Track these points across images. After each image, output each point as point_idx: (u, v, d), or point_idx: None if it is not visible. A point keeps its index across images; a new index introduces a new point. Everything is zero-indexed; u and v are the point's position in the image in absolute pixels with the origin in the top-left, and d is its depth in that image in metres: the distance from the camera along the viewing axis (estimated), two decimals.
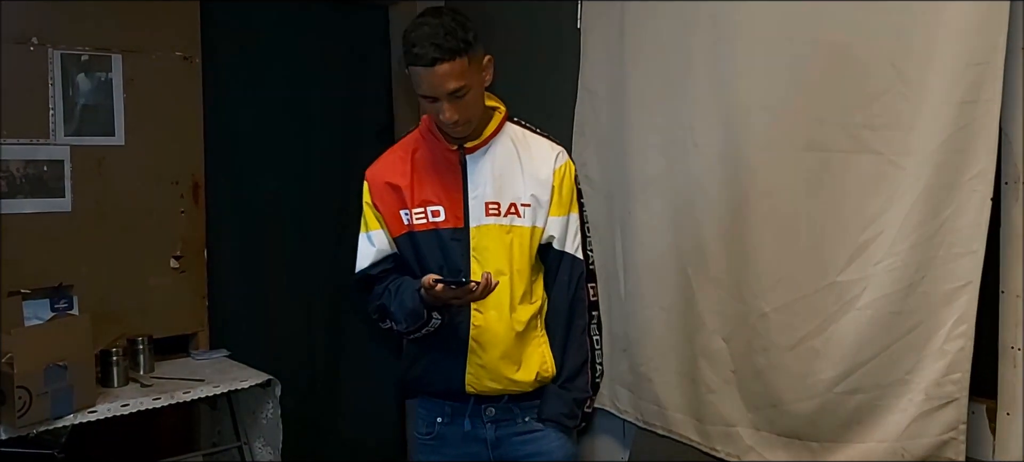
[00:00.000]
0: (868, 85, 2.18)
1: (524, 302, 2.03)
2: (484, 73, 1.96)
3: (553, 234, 2.04)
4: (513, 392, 2.06)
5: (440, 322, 1.98)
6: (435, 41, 1.83)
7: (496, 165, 2.03)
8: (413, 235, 2.04)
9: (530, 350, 2.05)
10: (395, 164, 2.10)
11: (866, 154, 2.19)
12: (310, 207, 3.84)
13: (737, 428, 2.52)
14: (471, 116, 1.95)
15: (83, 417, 2.62)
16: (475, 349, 2.01)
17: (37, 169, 3.00)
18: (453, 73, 1.85)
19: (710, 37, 2.54)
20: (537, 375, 2.05)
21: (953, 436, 2.11)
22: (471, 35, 1.87)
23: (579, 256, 2.07)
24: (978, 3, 1.99)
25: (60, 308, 2.95)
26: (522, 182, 2.02)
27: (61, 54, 3.04)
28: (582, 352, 2.08)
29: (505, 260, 2.00)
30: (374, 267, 2.09)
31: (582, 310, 2.08)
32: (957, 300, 2.07)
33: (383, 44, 4.03)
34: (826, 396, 2.29)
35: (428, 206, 2.03)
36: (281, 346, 3.69)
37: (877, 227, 2.17)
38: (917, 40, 2.09)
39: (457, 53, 1.84)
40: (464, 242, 2.00)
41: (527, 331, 2.04)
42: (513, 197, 2.01)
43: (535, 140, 2.09)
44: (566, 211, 2.06)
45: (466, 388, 2.04)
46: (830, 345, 2.28)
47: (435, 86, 1.86)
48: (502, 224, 2.00)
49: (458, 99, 1.89)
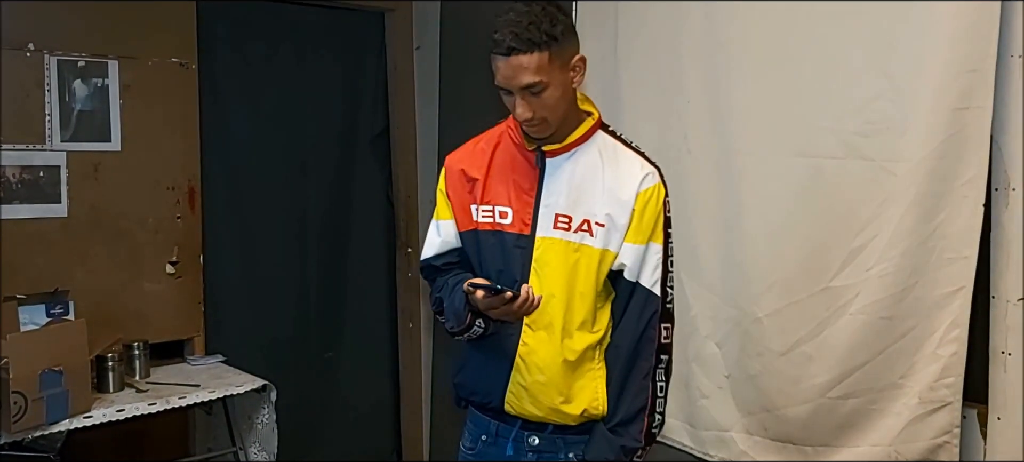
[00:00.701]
0: (860, 92, 2.19)
1: (583, 329, 1.84)
2: (571, 73, 1.78)
3: (626, 262, 1.82)
4: (557, 423, 1.87)
5: (482, 330, 1.85)
6: (515, 30, 1.70)
7: (576, 175, 1.84)
8: (477, 233, 1.90)
9: (582, 382, 1.85)
10: (474, 155, 1.94)
11: (859, 160, 2.20)
12: (306, 213, 3.85)
13: (730, 433, 2.53)
14: (547, 116, 1.77)
15: (78, 422, 2.62)
16: (520, 367, 1.85)
17: (33, 174, 3.01)
18: (529, 66, 1.70)
19: (703, 44, 2.55)
20: (585, 411, 1.85)
21: (946, 440, 2.13)
22: (559, 30, 1.72)
23: (656, 292, 1.82)
24: (969, 10, 2.01)
25: (56, 313, 2.94)
26: (600, 198, 1.82)
27: (58, 60, 3.05)
28: (642, 397, 1.83)
29: (565, 280, 1.82)
30: (437, 258, 1.97)
31: (649, 351, 1.83)
32: (950, 305, 2.08)
33: (380, 49, 4.04)
34: (820, 401, 2.30)
35: (496, 206, 1.88)
36: (277, 351, 3.69)
37: (870, 233, 2.19)
38: (909, 47, 2.10)
39: (536, 46, 1.70)
40: (527, 251, 1.84)
41: (581, 361, 1.84)
42: (587, 213, 1.82)
43: (625, 155, 1.87)
44: (646, 239, 1.82)
45: (505, 406, 1.88)
46: (823, 350, 2.29)
47: (509, 78, 1.73)
48: (570, 240, 1.82)
49: (533, 95, 1.74)
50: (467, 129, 3.42)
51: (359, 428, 4.01)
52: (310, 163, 3.85)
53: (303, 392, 3.77)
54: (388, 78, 4.06)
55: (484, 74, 3.60)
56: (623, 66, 2.82)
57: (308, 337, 3.88)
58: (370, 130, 4.02)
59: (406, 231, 4.06)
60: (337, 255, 3.93)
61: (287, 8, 3.73)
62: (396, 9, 4.00)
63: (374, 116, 4.03)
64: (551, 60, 1.72)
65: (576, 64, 1.78)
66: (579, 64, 1.79)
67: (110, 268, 3.15)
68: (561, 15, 1.75)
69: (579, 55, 1.79)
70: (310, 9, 3.80)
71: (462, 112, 3.63)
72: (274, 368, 3.29)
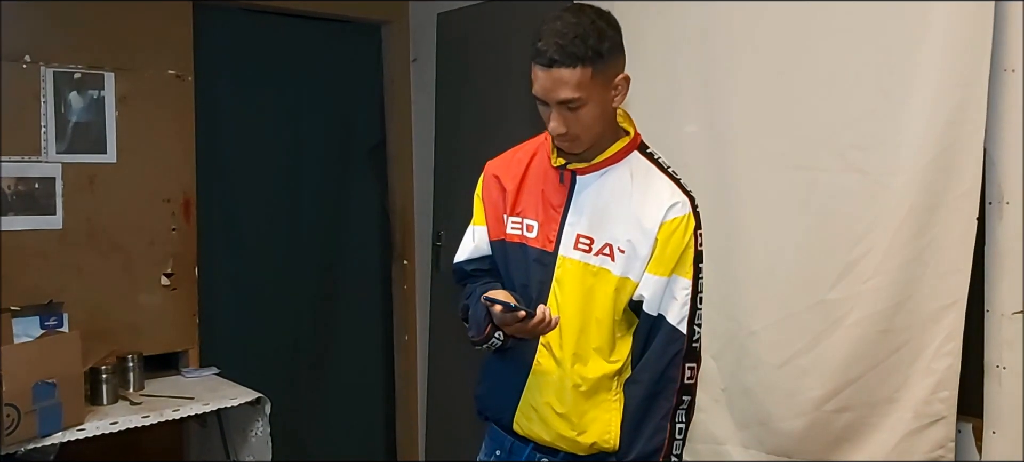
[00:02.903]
0: (855, 106, 2.20)
1: (598, 356, 1.76)
2: (613, 92, 1.70)
3: (645, 293, 1.73)
4: (567, 451, 1.80)
5: (500, 343, 1.79)
6: (560, 41, 1.61)
7: (603, 196, 1.76)
8: (505, 244, 1.85)
9: (595, 413, 1.77)
10: (511, 164, 1.89)
11: (853, 174, 2.21)
12: (302, 225, 3.85)
13: (726, 446, 2.53)
14: (581, 134, 1.69)
15: (72, 435, 2.61)
16: (532, 387, 1.80)
17: (28, 186, 3.00)
18: (570, 81, 1.62)
19: (698, 57, 2.56)
20: (594, 443, 1.77)
21: (941, 455, 2.13)
22: (606, 46, 1.63)
23: (682, 329, 1.73)
24: (962, 25, 2.02)
25: (50, 325, 2.93)
26: (624, 223, 1.73)
27: (54, 72, 3.04)
28: (658, 438, 1.73)
29: (581, 303, 1.75)
30: (469, 263, 1.93)
31: (671, 391, 1.73)
32: (944, 319, 2.09)
33: (376, 63, 4.04)
34: (815, 414, 2.30)
35: (525, 218, 1.82)
36: (271, 364, 3.68)
37: (865, 246, 2.19)
38: (903, 61, 2.12)
39: (580, 61, 1.61)
40: (549, 268, 1.78)
41: (595, 390, 1.76)
42: (610, 237, 1.74)
43: (657, 180, 1.77)
44: (668, 271, 1.72)
45: (514, 426, 1.83)
46: (819, 363, 2.29)
47: (547, 90, 1.65)
48: (590, 263, 1.74)
49: (570, 111, 1.65)
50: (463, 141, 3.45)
51: (354, 441, 4.00)
52: (306, 175, 3.85)
53: (298, 405, 3.76)
54: (384, 90, 4.07)
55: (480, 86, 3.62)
56: None
57: (303, 349, 3.87)
58: (366, 142, 4.02)
59: (402, 243, 4.06)
60: (333, 267, 3.93)
61: (284, 20, 3.74)
62: (392, 22, 4.01)
63: (370, 128, 4.04)
64: (594, 77, 1.63)
65: (619, 83, 1.70)
66: (622, 84, 1.71)
67: (105, 280, 3.14)
68: (610, 30, 1.67)
69: (623, 74, 1.70)
70: (307, 22, 3.80)
71: (458, 124, 3.64)
72: (269, 380, 3.28)
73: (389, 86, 4.05)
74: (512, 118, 3.26)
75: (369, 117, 4.04)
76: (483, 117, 3.43)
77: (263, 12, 3.66)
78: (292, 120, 3.79)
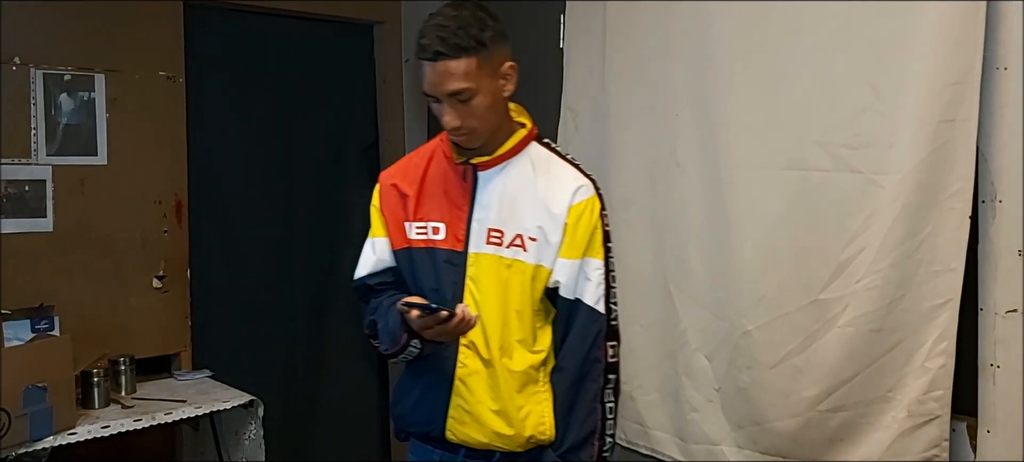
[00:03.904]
0: (847, 104, 2.20)
1: (522, 348, 1.78)
2: (502, 80, 1.73)
3: (561, 278, 1.76)
4: (503, 450, 1.80)
5: (418, 351, 1.78)
6: (442, 35, 1.64)
7: (508, 188, 1.79)
8: (411, 251, 1.84)
9: (527, 406, 1.77)
10: (408, 170, 1.90)
11: (846, 173, 2.21)
12: (294, 227, 3.83)
13: (720, 447, 2.52)
14: (476, 126, 1.73)
15: (63, 439, 2.60)
16: (460, 390, 1.79)
17: (19, 189, 2.99)
18: (456, 73, 1.65)
19: (691, 57, 2.56)
20: (531, 436, 1.78)
21: (936, 454, 2.12)
22: (488, 34, 1.67)
23: (599, 309, 1.76)
24: (954, 22, 2.01)
25: (41, 328, 2.92)
26: (532, 212, 1.77)
27: (43, 74, 3.03)
28: (591, 420, 1.76)
29: (500, 296, 1.76)
30: (372, 277, 1.93)
31: (597, 372, 1.76)
32: (938, 318, 2.08)
33: (368, 63, 4.03)
34: (809, 414, 2.29)
35: (429, 222, 1.83)
36: (264, 367, 3.67)
37: (858, 245, 2.19)
38: (894, 59, 2.11)
39: (464, 51, 1.64)
40: (460, 267, 1.79)
41: (524, 382, 1.78)
42: (520, 228, 1.77)
43: (559, 167, 1.81)
44: (581, 254, 1.76)
45: (447, 434, 1.81)
46: (813, 363, 2.28)
47: (436, 84, 1.68)
48: (502, 256, 1.76)
49: (461, 103, 1.69)
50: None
51: (347, 443, 3.98)
52: (298, 176, 3.84)
53: (291, 407, 3.75)
54: (377, 91, 4.06)
55: None
56: (611, 80, 2.82)
57: (296, 351, 3.85)
58: (359, 143, 4.01)
59: None
60: (325, 269, 3.91)
61: (275, 21, 3.73)
62: (385, 22, 4.00)
63: (362, 129, 4.03)
64: (480, 66, 1.67)
65: (507, 71, 1.74)
66: (510, 71, 1.74)
67: (96, 283, 3.13)
68: (491, 20, 1.70)
69: (510, 62, 1.74)
70: (298, 22, 3.79)
71: None
72: (262, 383, 3.27)
73: (382, 87, 4.04)
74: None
75: (362, 118, 4.02)
76: None
77: (254, 12, 3.65)
78: (284, 121, 3.78)
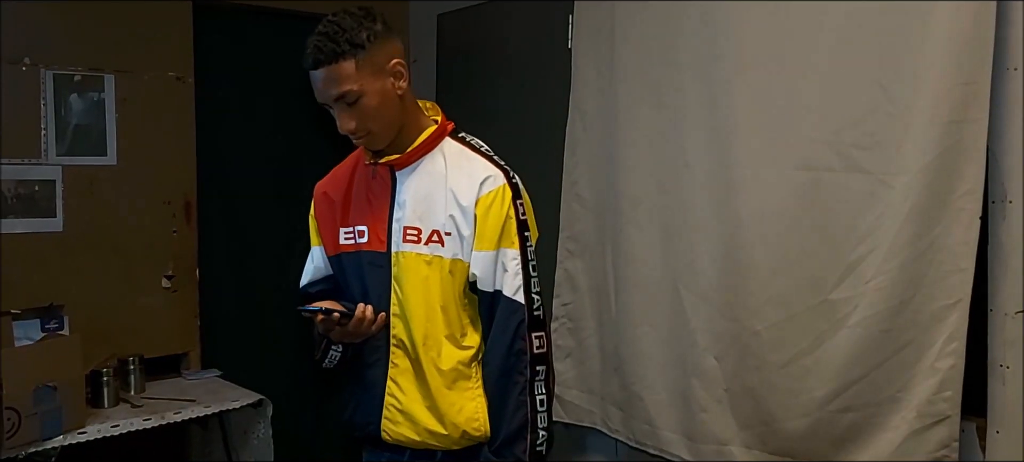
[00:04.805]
0: (857, 105, 2.20)
1: (450, 343, 1.78)
2: (390, 78, 1.73)
3: (477, 271, 1.76)
4: (442, 448, 1.81)
5: (340, 355, 1.85)
6: (318, 43, 1.69)
7: (422, 186, 1.80)
8: (341, 257, 1.88)
9: (459, 403, 1.78)
10: (337, 178, 1.94)
11: (856, 173, 2.20)
12: (302, 226, 3.81)
13: (729, 447, 2.52)
14: (372, 126, 1.74)
15: (73, 438, 2.61)
16: (392, 390, 1.81)
17: (29, 189, 3.00)
18: (335, 78, 1.68)
19: (700, 58, 2.56)
20: (464, 433, 1.78)
21: (945, 455, 2.12)
22: (364, 35, 1.69)
23: (519, 299, 1.74)
24: (965, 22, 2.01)
25: (51, 328, 2.93)
26: (444, 207, 1.77)
27: (54, 74, 3.04)
28: (520, 414, 1.74)
29: (423, 294, 1.77)
30: (312, 285, 1.98)
31: (523, 364, 1.74)
32: (948, 318, 2.08)
33: None
34: (818, 414, 2.29)
35: (355, 226, 1.85)
36: (273, 366, 3.68)
37: (868, 246, 2.18)
38: (904, 60, 2.11)
39: (339, 56, 1.67)
40: (385, 268, 1.80)
41: (455, 378, 1.78)
42: (435, 224, 1.77)
43: (472, 160, 1.81)
44: (494, 245, 1.75)
45: (382, 434, 1.83)
46: (822, 363, 2.28)
47: (321, 91, 1.73)
48: (421, 253, 1.77)
49: (350, 106, 1.71)
50: None
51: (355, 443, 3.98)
52: (306, 176, 3.83)
53: (299, 406, 3.75)
54: None
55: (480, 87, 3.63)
56: (619, 81, 2.82)
57: (304, 351, 3.85)
58: None
59: None
60: None
61: (284, 22, 3.73)
62: (392, 23, 3.99)
63: None
64: (359, 67, 1.69)
65: (395, 68, 1.74)
66: (399, 68, 1.75)
67: (105, 283, 3.14)
68: (369, 21, 1.72)
69: (397, 59, 1.75)
70: (307, 22, 3.77)
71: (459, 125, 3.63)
72: (271, 382, 3.28)
73: None
74: (509, 119, 3.25)
75: None
76: (483, 118, 3.43)
77: (263, 13, 3.65)
78: (293, 121, 3.78)
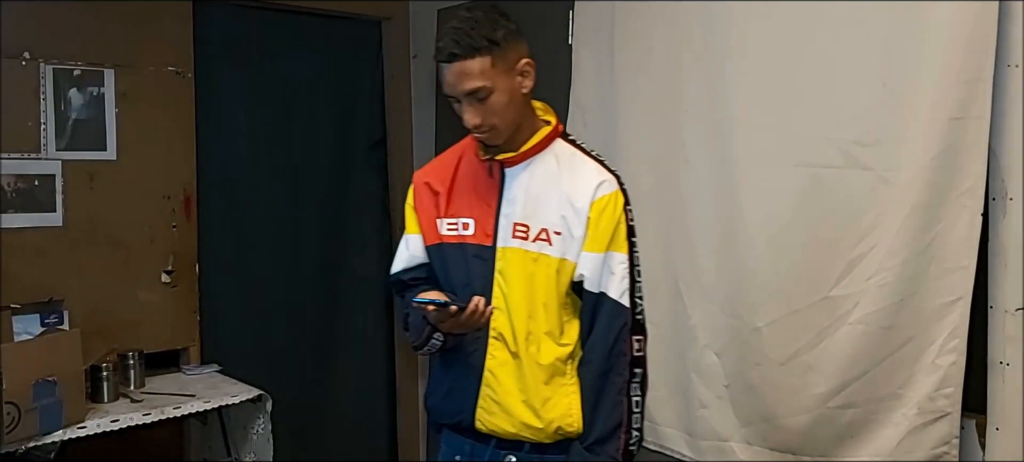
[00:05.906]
0: (858, 101, 2.20)
1: (549, 340, 1.81)
2: (519, 77, 1.77)
3: (585, 272, 1.79)
4: (530, 440, 1.83)
5: (440, 344, 1.85)
6: (455, 37, 1.70)
7: (533, 184, 1.83)
8: (442, 247, 1.89)
9: (555, 398, 1.80)
10: (439, 169, 1.96)
11: (857, 170, 2.21)
12: (302, 221, 3.84)
13: (730, 443, 2.53)
14: (496, 123, 1.77)
15: (72, 432, 2.60)
16: (490, 381, 1.83)
17: (28, 183, 2.99)
18: (471, 72, 1.71)
19: (702, 54, 2.56)
20: (558, 427, 1.81)
21: (945, 451, 2.12)
22: (501, 33, 1.72)
23: (624, 303, 1.78)
24: (967, 20, 2.01)
25: (50, 323, 2.92)
26: (556, 207, 1.80)
27: (53, 69, 3.03)
28: (617, 413, 1.78)
29: (526, 290, 1.80)
30: (406, 273, 1.97)
31: (622, 366, 1.78)
32: (949, 315, 2.08)
33: (376, 58, 4.03)
34: (819, 411, 2.29)
35: (460, 218, 1.88)
36: (273, 361, 3.67)
37: (869, 242, 2.19)
38: (906, 57, 2.11)
39: (477, 51, 1.70)
40: (489, 262, 1.83)
41: (552, 374, 1.81)
42: (545, 222, 1.80)
43: (583, 163, 1.85)
44: (604, 248, 1.78)
45: (476, 423, 1.85)
46: (823, 360, 2.28)
47: (453, 84, 1.74)
48: (528, 250, 1.80)
49: (479, 101, 1.74)
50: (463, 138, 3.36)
51: (355, 439, 3.99)
52: (306, 172, 3.84)
53: (298, 402, 3.75)
54: (385, 87, 4.05)
55: None
56: (620, 77, 2.82)
57: (304, 346, 3.86)
58: (366, 139, 4.01)
59: None
60: (333, 263, 3.92)
61: (284, 17, 3.73)
62: (393, 18, 4.00)
63: (370, 125, 4.03)
64: (494, 64, 1.71)
65: (523, 68, 1.77)
66: (527, 68, 1.78)
67: (105, 277, 3.13)
68: (503, 19, 1.75)
69: (526, 59, 1.77)
70: (307, 18, 3.79)
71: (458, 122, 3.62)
72: (270, 378, 3.27)
73: (390, 82, 4.04)
74: None
75: (370, 114, 4.02)
76: None
77: (263, 8, 3.65)
78: (292, 116, 3.78)
